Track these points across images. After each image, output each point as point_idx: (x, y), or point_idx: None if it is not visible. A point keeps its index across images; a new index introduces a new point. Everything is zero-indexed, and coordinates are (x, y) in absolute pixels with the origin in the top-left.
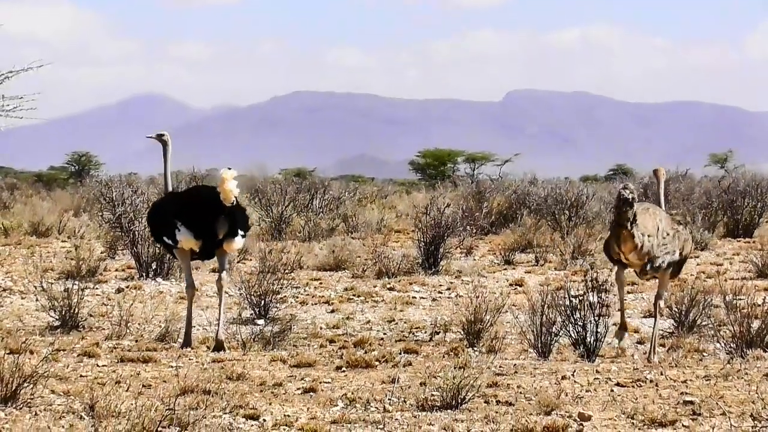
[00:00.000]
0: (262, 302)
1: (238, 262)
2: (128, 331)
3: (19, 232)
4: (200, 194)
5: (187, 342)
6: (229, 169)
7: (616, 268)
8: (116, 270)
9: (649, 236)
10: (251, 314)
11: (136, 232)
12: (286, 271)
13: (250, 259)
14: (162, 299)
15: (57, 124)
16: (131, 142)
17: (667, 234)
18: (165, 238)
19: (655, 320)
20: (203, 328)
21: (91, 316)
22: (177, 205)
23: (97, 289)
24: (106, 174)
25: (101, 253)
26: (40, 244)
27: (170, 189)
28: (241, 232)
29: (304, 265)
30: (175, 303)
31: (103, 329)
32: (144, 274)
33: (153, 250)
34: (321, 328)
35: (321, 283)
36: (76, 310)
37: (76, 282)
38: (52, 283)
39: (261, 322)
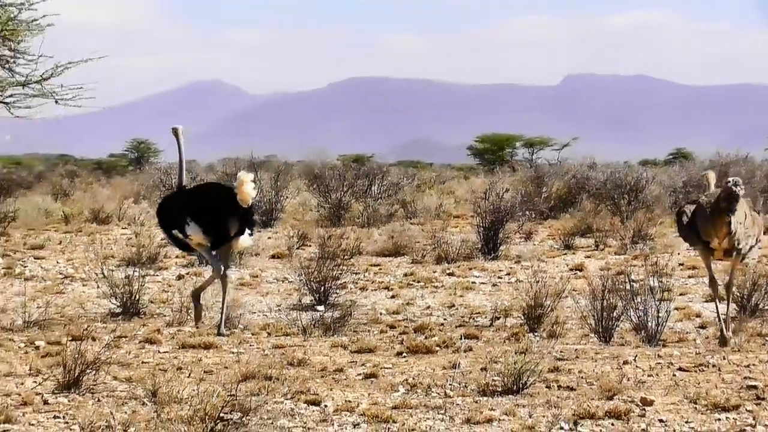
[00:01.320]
0: (322, 288)
1: (297, 248)
2: (189, 317)
3: (80, 220)
4: (216, 192)
5: (220, 328)
6: (248, 172)
7: (699, 253)
8: (176, 257)
9: (740, 223)
10: (311, 300)
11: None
12: (346, 257)
13: (310, 246)
14: None
15: (115, 112)
16: (189, 128)
17: (750, 220)
18: (175, 232)
19: (728, 302)
20: (263, 314)
21: (151, 302)
22: (189, 200)
23: (157, 275)
24: (165, 161)
25: (161, 239)
26: (101, 232)
27: (183, 183)
28: (248, 231)
29: (363, 251)
30: (235, 289)
31: (164, 316)
32: (204, 261)
33: None
34: (381, 314)
35: (380, 269)
36: (137, 296)
37: (137, 269)
38: (113, 270)
39: (321, 308)
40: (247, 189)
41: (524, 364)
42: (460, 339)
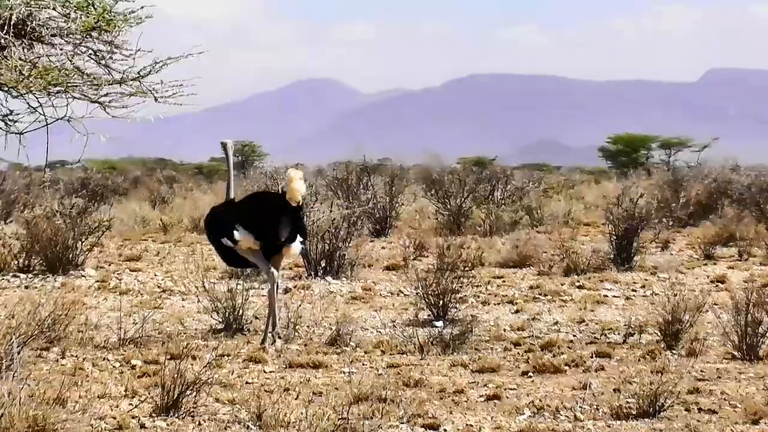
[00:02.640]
0: (441, 302)
1: (413, 258)
2: (296, 334)
3: (179, 229)
4: (265, 197)
5: (273, 334)
6: (296, 167)
7: None
8: (283, 268)
9: None
10: (429, 315)
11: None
12: (466, 268)
13: (427, 256)
14: (332, 300)
15: (219, 112)
16: (296, 129)
17: None
18: (224, 240)
19: None
20: (376, 330)
21: (256, 318)
22: (238, 207)
23: (262, 289)
24: (271, 164)
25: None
26: (202, 242)
27: (232, 197)
28: (300, 238)
29: (485, 262)
30: (346, 304)
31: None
32: (313, 273)
33: (322, 246)
34: (504, 330)
35: (504, 281)
36: (241, 312)
37: (240, 282)
38: (214, 283)
39: (439, 323)
40: (297, 186)
41: (661, 385)
42: (591, 357)
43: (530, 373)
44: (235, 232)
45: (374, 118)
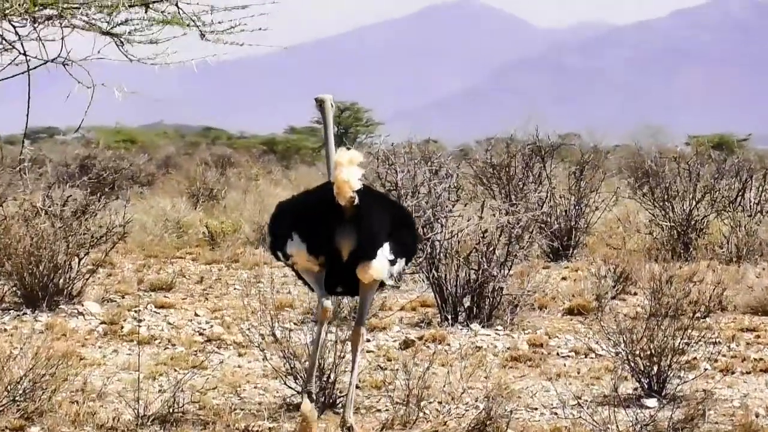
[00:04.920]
0: (655, 368)
1: (613, 297)
2: (422, 414)
3: (235, 242)
4: (320, 190)
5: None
6: (348, 148)
7: None
8: (401, 309)
9: None
10: (635, 389)
11: (437, 243)
12: (697, 314)
13: (634, 293)
14: (480, 360)
15: (301, 55)
16: (427, 85)
17: None
18: (279, 252)
19: None
20: (550, 410)
21: (357, 387)
22: (297, 205)
23: (368, 340)
24: (384, 138)
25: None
26: (271, 262)
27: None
28: (387, 255)
29: (727, 305)
30: (503, 367)
31: (378, 411)
32: (450, 317)
33: (466, 274)
34: (758, 416)
35: (757, 337)
36: (333, 376)
37: (332, 327)
38: (290, 330)
39: (653, 402)
40: (344, 176)
41: None
42: None
43: None
44: (288, 242)
45: (555, 68)
